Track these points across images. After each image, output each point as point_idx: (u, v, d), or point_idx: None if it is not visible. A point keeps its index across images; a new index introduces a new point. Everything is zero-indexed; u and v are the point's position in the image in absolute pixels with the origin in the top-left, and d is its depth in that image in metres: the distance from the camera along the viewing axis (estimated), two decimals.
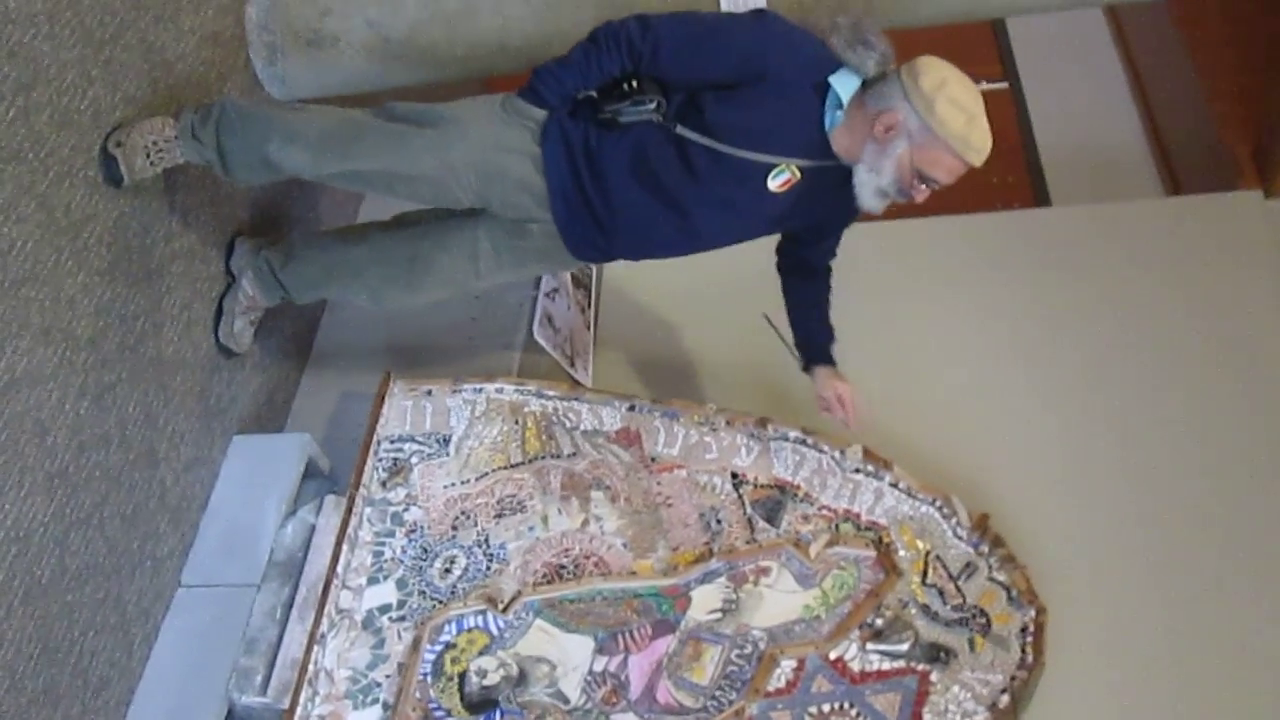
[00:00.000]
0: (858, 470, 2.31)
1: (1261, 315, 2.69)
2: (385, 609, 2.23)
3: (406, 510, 2.34)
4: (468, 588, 2.24)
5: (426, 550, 2.29)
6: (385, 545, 2.30)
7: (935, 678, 2.08)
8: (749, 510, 2.30)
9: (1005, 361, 2.70)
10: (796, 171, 1.91)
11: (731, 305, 2.87)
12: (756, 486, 2.32)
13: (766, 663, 2.10)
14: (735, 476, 2.33)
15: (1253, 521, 2.37)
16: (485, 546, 2.29)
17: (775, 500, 2.30)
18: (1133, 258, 2.85)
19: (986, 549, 2.21)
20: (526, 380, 2.50)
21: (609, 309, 3.02)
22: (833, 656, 2.11)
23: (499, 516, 2.33)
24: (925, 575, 2.20)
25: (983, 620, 2.14)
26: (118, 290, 2.11)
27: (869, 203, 1.93)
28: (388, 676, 2.14)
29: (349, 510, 2.30)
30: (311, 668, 2.11)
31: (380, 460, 2.40)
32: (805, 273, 2.28)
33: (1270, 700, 2.14)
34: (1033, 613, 2.13)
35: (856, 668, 2.10)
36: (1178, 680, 2.17)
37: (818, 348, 2.30)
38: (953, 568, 2.20)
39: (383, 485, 2.37)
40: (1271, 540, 2.34)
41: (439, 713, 2.09)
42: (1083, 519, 2.39)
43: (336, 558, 2.24)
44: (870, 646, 2.12)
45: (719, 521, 2.29)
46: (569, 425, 2.43)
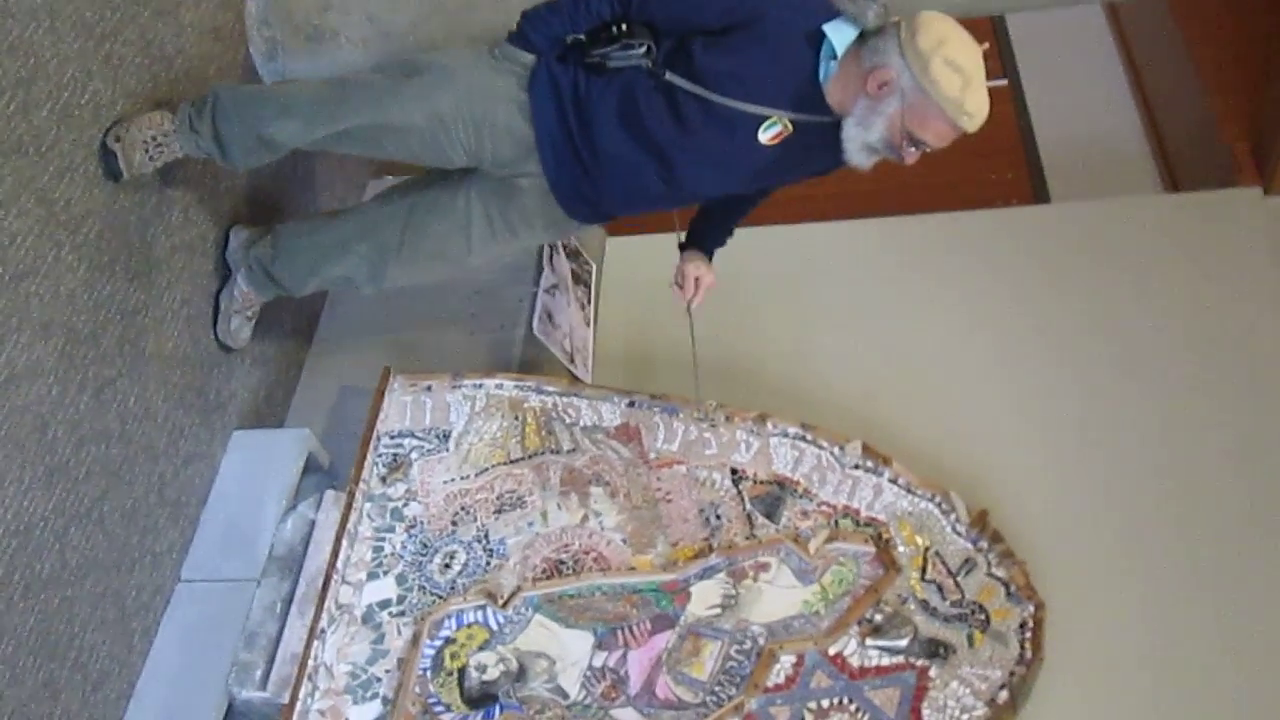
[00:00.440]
0: (857, 466, 2.31)
1: (1260, 311, 2.69)
2: (385, 604, 2.23)
3: (406, 505, 2.34)
4: (467, 583, 2.24)
5: (426, 545, 2.29)
6: (385, 540, 2.30)
7: (934, 673, 2.09)
8: (748, 506, 2.30)
9: (1004, 357, 2.70)
10: (788, 124, 1.85)
11: (731, 302, 2.87)
12: (756, 482, 2.33)
13: (766, 658, 2.11)
14: (735, 472, 2.34)
15: (1251, 517, 2.37)
16: (485, 542, 2.29)
17: (774, 496, 2.30)
18: (1132, 254, 2.85)
19: (985, 545, 2.21)
20: (526, 376, 2.50)
21: (608, 305, 3.02)
22: (832, 652, 2.12)
23: (499, 512, 2.33)
24: (924, 571, 2.21)
25: (981, 616, 2.15)
26: (118, 285, 2.11)
27: (856, 158, 1.86)
28: (387, 671, 2.14)
29: (349, 505, 2.30)
30: (311, 662, 2.11)
31: (380, 455, 2.40)
32: (742, 200, 2.20)
33: (1270, 695, 2.14)
34: (1031, 608, 2.14)
35: (856, 663, 2.11)
36: (1176, 675, 2.17)
37: (706, 238, 2.23)
38: (952, 563, 2.21)
39: (382, 480, 2.38)
40: (1270, 535, 2.34)
41: (439, 708, 2.09)
42: (1081, 515, 2.40)
43: (336, 553, 2.24)
44: (869, 642, 2.13)
45: (718, 517, 2.29)
46: (569, 421, 2.43)
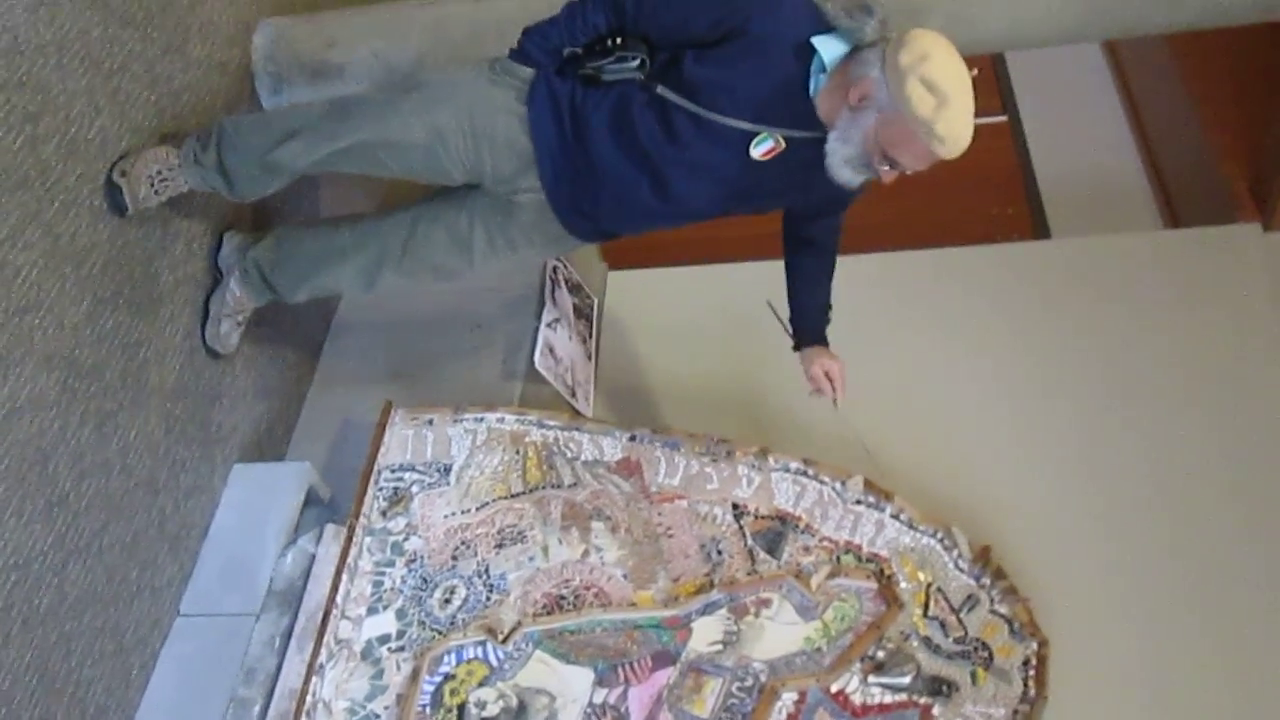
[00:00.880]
0: (859, 501, 2.30)
1: (1261, 347, 2.69)
2: (384, 639, 2.21)
3: (407, 540, 2.33)
4: (467, 618, 2.23)
5: (426, 580, 2.28)
6: (385, 575, 2.29)
7: (937, 711, 2.07)
8: (750, 541, 2.29)
9: (1005, 393, 2.70)
10: (781, 140, 1.82)
11: (733, 336, 2.88)
12: (757, 517, 2.32)
13: (768, 695, 2.09)
14: (736, 507, 2.33)
15: (1254, 554, 2.36)
16: (485, 577, 2.28)
17: (776, 531, 2.30)
18: (1132, 290, 2.86)
19: (988, 581, 2.20)
20: (527, 410, 2.49)
21: (610, 339, 3.03)
22: (834, 689, 2.10)
23: (499, 546, 2.32)
24: (927, 607, 2.19)
25: (985, 653, 2.13)
26: (120, 318, 2.11)
27: (837, 172, 1.82)
28: (386, 708, 2.13)
29: (349, 539, 2.29)
30: (309, 698, 2.09)
31: (381, 489, 2.40)
32: (807, 248, 2.20)
33: None
34: (1035, 645, 2.12)
35: (858, 700, 2.09)
36: (1181, 714, 2.15)
37: (810, 326, 2.24)
38: (954, 600, 2.20)
39: (383, 514, 2.37)
40: (1274, 571, 2.33)
41: None
42: (1085, 551, 2.39)
43: (336, 587, 2.22)
44: (872, 679, 2.11)
45: (720, 552, 2.28)
46: (570, 455, 2.43)
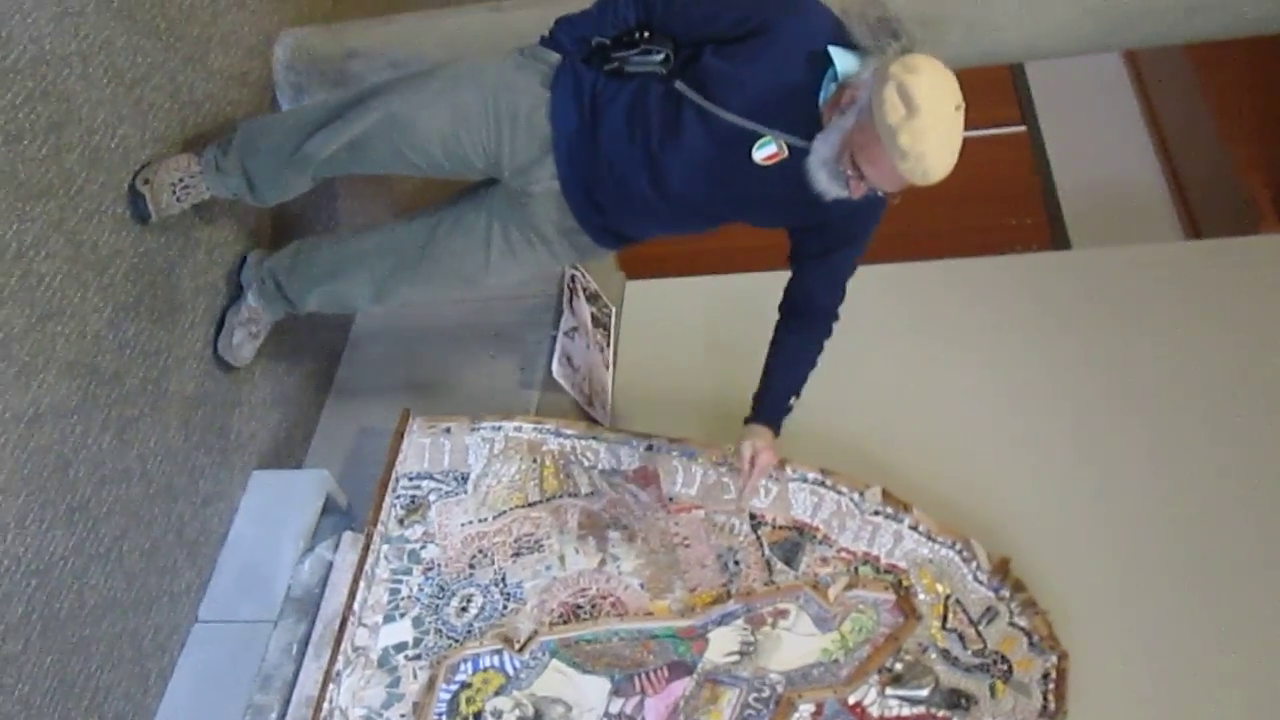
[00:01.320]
0: (877, 512, 2.29)
1: None
2: (401, 647, 2.22)
3: (424, 548, 2.34)
4: (484, 627, 2.23)
5: (443, 588, 2.28)
6: (402, 583, 2.30)
7: None
8: (767, 552, 2.28)
9: (1025, 404, 2.68)
10: (784, 147, 1.79)
11: (750, 345, 2.87)
12: (775, 528, 2.31)
13: (784, 706, 2.08)
14: (753, 517, 2.32)
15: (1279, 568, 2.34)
16: (502, 585, 2.28)
17: (793, 542, 2.29)
18: (1153, 302, 2.84)
19: (1007, 594, 2.19)
20: (545, 419, 2.50)
21: (627, 348, 3.03)
22: (851, 701, 2.09)
23: (516, 555, 2.32)
24: (945, 619, 2.18)
25: (1004, 666, 2.12)
26: (142, 325, 2.13)
27: (815, 174, 1.77)
28: (402, 716, 2.13)
29: (366, 547, 2.30)
30: (326, 706, 2.10)
31: (398, 497, 2.40)
32: (805, 313, 2.14)
33: None
34: (1054, 659, 2.11)
35: (876, 713, 2.08)
36: None
37: (771, 407, 2.16)
38: (973, 612, 2.18)
39: (400, 523, 2.37)
40: None
41: None
42: (1105, 564, 2.37)
43: (353, 595, 2.23)
44: (890, 691, 2.10)
45: (737, 563, 2.28)
46: (587, 464, 2.43)
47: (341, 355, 2.92)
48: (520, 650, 2.18)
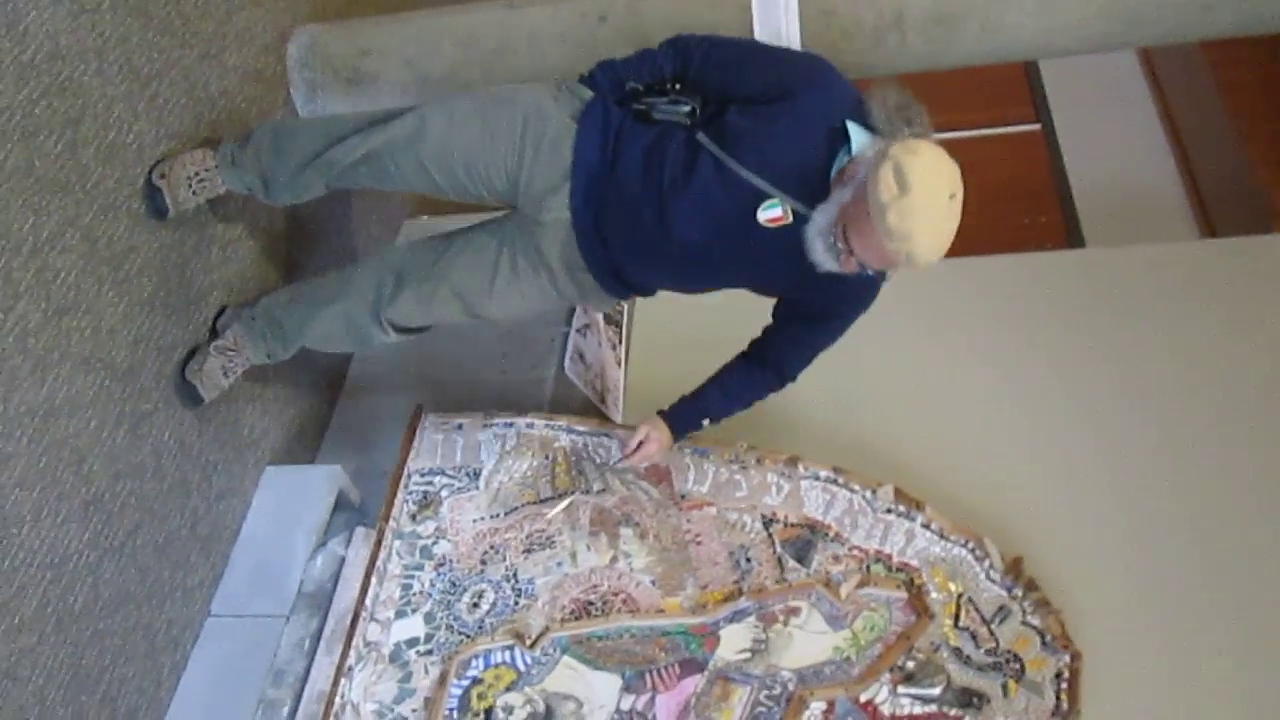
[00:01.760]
0: (889, 511, 2.29)
1: None
2: (413, 642, 2.22)
3: (436, 544, 2.34)
4: (495, 623, 2.23)
5: (455, 584, 2.29)
6: (414, 578, 2.30)
7: None
8: (779, 549, 2.28)
9: (1038, 403, 2.68)
10: (789, 213, 1.81)
11: None
12: (787, 525, 2.31)
13: (796, 704, 2.08)
14: (765, 515, 2.32)
15: None
16: (514, 581, 2.28)
17: (805, 540, 2.28)
18: (1168, 300, 2.83)
19: (1020, 592, 2.18)
20: (557, 415, 2.50)
21: (640, 345, 3.03)
22: (863, 699, 2.09)
23: (528, 552, 2.32)
24: (958, 618, 2.17)
25: (1016, 665, 2.11)
26: (156, 321, 2.14)
27: (811, 243, 1.77)
28: (414, 711, 2.13)
29: (378, 543, 2.30)
30: (338, 701, 2.10)
31: (410, 493, 2.41)
32: (766, 365, 2.14)
33: None
34: (1067, 658, 2.10)
35: (887, 711, 2.07)
36: None
37: (687, 416, 2.20)
38: (986, 611, 2.17)
39: (412, 518, 2.38)
40: None
41: None
42: (1118, 563, 2.36)
43: (365, 590, 2.24)
44: (901, 690, 2.09)
45: (748, 560, 2.28)
46: (599, 461, 2.43)
47: (354, 352, 2.93)
48: (532, 646, 2.19)
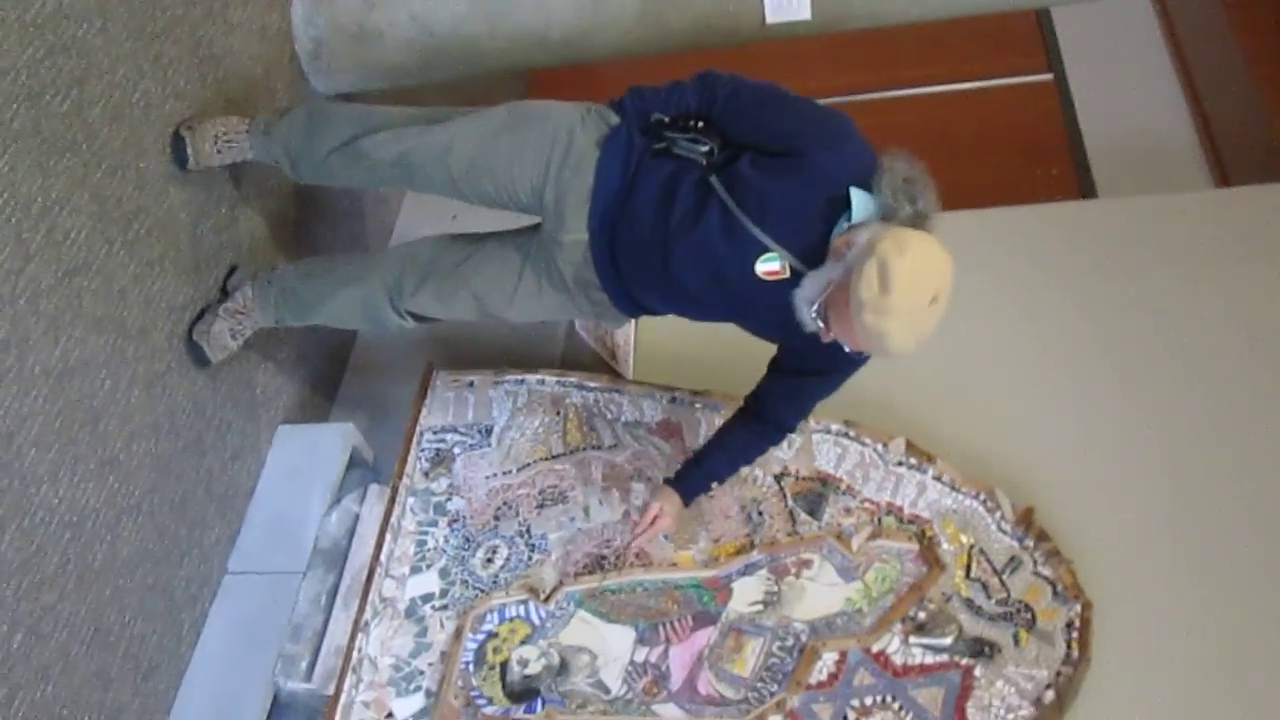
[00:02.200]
0: (900, 464, 2.30)
1: None
2: (428, 598, 2.25)
3: (449, 500, 2.36)
4: (509, 578, 2.25)
5: (469, 540, 2.31)
6: (428, 535, 2.32)
7: (979, 672, 2.07)
8: (790, 503, 2.29)
9: (1050, 355, 2.67)
10: (787, 269, 1.81)
11: None
12: (798, 479, 2.32)
13: (808, 655, 2.10)
14: (777, 469, 2.33)
15: None
16: (527, 537, 2.30)
17: (817, 493, 2.29)
18: (1182, 250, 2.80)
19: (1031, 543, 2.19)
20: (568, 372, 2.51)
21: None
22: (875, 650, 2.10)
23: (540, 507, 2.34)
24: (969, 569, 2.19)
25: (1027, 615, 2.12)
26: (167, 280, 2.14)
27: (798, 304, 1.78)
28: (430, 664, 2.16)
29: (392, 500, 2.32)
30: (355, 655, 2.13)
31: (423, 451, 2.42)
32: (763, 418, 2.14)
33: None
34: (1078, 608, 2.11)
35: (899, 661, 2.09)
36: (1227, 677, 2.13)
37: (695, 481, 2.18)
38: (997, 562, 2.19)
39: (425, 475, 2.39)
40: None
41: (481, 700, 2.11)
42: (1129, 514, 2.36)
43: (380, 546, 2.26)
44: (913, 640, 2.11)
45: (760, 514, 2.29)
46: (610, 417, 2.44)
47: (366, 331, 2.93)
48: (546, 601, 2.21)
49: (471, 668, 2.15)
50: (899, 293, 1.63)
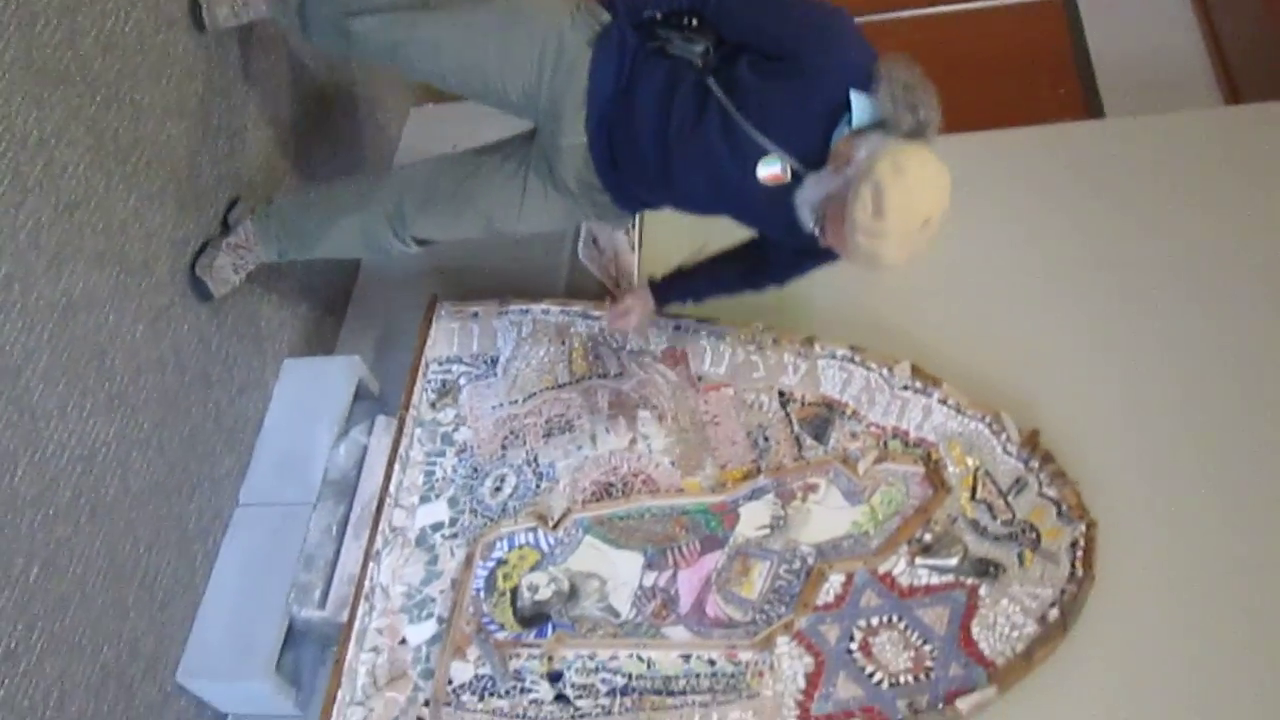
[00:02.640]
0: (906, 388, 2.30)
1: None
2: (438, 527, 2.27)
3: (456, 430, 2.37)
4: (518, 506, 2.27)
5: (477, 469, 2.32)
6: (436, 465, 2.34)
7: (984, 592, 2.09)
8: (796, 428, 2.30)
9: (1056, 277, 2.65)
10: (788, 172, 1.80)
11: None
12: (804, 404, 2.32)
13: (815, 578, 2.12)
14: (782, 395, 2.34)
15: None
16: (534, 465, 2.32)
17: (823, 418, 2.30)
18: (1191, 169, 2.77)
19: (1036, 465, 2.20)
20: (572, 301, 2.50)
21: (653, 229, 3.00)
22: (881, 571, 2.12)
23: (547, 436, 2.35)
24: (974, 491, 2.20)
25: (1032, 535, 2.14)
26: (168, 214, 2.13)
27: (799, 207, 1.79)
28: (442, 592, 2.19)
29: (400, 431, 2.33)
30: (368, 584, 2.16)
31: (429, 382, 2.43)
32: (757, 271, 2.16)
33: None
34: (1083, 527, 2.12)
35: (905, 582, 2.11)
36: (1232, 594, 2.15)
37: (674, 290, 2.25)
38: (1002, 483, 2.20)
39: (432, 406, 2.40)
40: None
41: (492, 626, 2.14)
42: (1134, 434, 2.37)
43: (389, 477, 2.27)
44: (919, 561, 2.13)
45: (766, 439, 2.30)
46: (615, 346, 2.44)
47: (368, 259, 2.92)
48: (554, 528, 2.23)
49: (482, 594, 2.18)
50: (892, 218, 1.64)
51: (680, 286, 2.26)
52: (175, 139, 2.14)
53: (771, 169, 1.81)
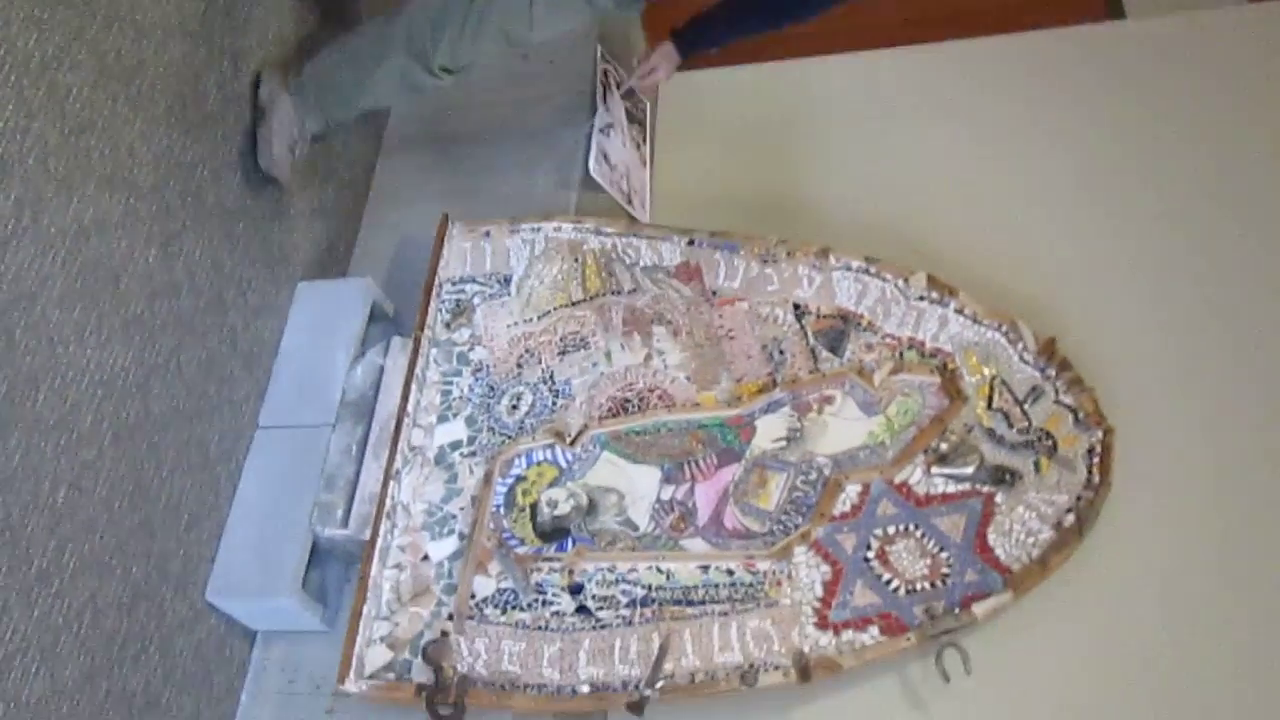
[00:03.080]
0: (921, 298, 2.28)
1: None
2: (456, 445, 2.29)
3: (471, 350, 2.38)
4: (535, 423, 2.28)
5: (493, 388, 2.33)
6: (453, 384, 2.35)
7: (1000, 499, 2.10)
8: (812, 341, 2.29)
9: (1075, 183, 2.61)
10: None
11: (790, 136, 2.80)
12: (819, 317, 2.31)
13: (831, 488, 2.13)
14: (797, 307, 2.32)
15: None
16: (550, 383, 2.32)
17: (838, 330, 2.29)
18: (1215, 70, 2.70)
19: (1053, 373, 2.19)
20: (584, 218, 2.48)
21: (664, 144, 2.96)
22: (897, 481, 2.14)
23: (562, 354, 2.35)
24: (990, 400, 2.19)
25: (1049, 443, 2.14)
26: (175, 138, 2.11)
27: None
28: (462, 509, 2.21)
29: (415, 351, 2.34)
30: (389, 502, 2.18)
31: (443, 302, 2.43)
32: (777, 8, 2.23)
33: None
34: (1099, 434, 2.12)
35: (921, 491, 2.13)
36: (1247, 499, 2.16)
37: (700, 39, 2.33)
38: (1019, 392, 2.19)
39: (447, 326, 2.40)
40: None
41: (512, 540, 2.16)
42: (1152, 341, 2.35)
43: (406, 397, 2.29)
44: (935, 470, 2.14)
45: (782, 352, 2.29)
46: (628, 262, 2.42)
47: (376, 163, 2.90)
48: (572, 444, 2.24)
49: (502, 510, 2.20)
50: None
51: (703, 33, 2.29)
52: (179, 60, 2.11)
53: None
